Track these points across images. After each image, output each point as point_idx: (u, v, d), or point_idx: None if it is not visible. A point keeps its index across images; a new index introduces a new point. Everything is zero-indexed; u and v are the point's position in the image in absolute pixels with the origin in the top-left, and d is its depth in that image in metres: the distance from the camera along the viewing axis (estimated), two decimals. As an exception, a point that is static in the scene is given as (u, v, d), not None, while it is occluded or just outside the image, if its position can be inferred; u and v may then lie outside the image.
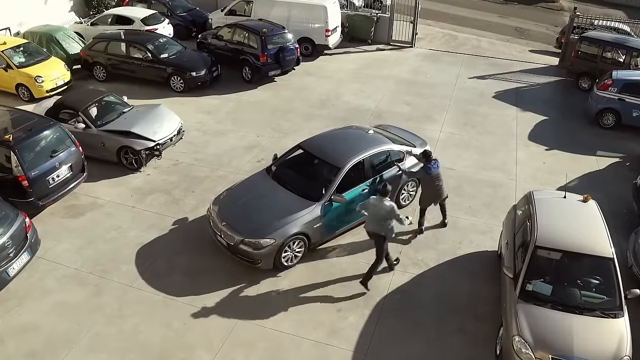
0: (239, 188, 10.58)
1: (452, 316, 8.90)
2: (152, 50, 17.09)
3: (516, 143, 14.61)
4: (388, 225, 9.00)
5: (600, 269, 8.00)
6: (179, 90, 17.13)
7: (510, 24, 27.66)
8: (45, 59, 16.90)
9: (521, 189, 11.94)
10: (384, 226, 9.00)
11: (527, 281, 7.90)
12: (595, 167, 13.51)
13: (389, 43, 22.71)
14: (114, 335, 8.39)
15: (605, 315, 7.58)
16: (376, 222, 9.05)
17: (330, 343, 8.36)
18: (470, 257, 10.29)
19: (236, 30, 18.43)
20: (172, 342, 8.30)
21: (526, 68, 20.45)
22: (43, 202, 10.79)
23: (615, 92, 15.26)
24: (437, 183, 10.40)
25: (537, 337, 7.36)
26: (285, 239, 9.36)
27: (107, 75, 17.79)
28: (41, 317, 8.68)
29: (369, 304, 9.11)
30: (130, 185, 12.24)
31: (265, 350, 8.21)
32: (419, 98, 17.30)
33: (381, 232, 9.06)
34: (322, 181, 10.09)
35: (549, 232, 8.24)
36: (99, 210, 11.34)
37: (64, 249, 10.20)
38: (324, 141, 11.19)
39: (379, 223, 9.02)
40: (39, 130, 10.99)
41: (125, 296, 9.14)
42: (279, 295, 9.26)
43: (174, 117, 13.69)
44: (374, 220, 9.07)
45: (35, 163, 10.63)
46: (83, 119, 12.68)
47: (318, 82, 18.44)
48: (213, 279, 9.51)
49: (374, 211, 9.03)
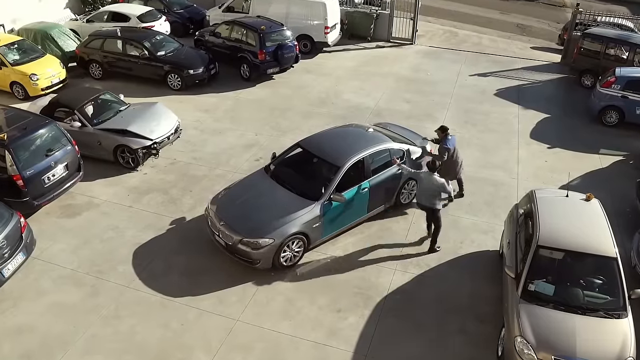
0: (237, 187, 10.59)
1: (453, 316, 8.90)
2: (149, 48, 17.08)
3: (518, 141, 14.62)
4: (438, 198, 9.89)
5: (604, 269, 8.00)
6: (176, 88, 17.12)
7: (512, 21, 27.66)
8: (40, 57, 16.90)
9: (523, 188, 11.96)
10: (436, 200, 9.87)
11: (529, 281, 7.90)
12: (598, 166, 13.52)
13: (388, 40, 22.71)
14: (111, 337, 8.39)
15: (608, 316, 7.58)
16: (428, 196, 9.92)
17: (330, 344, 8.37)
18: (472, 257, 10.30)
19: (234, 28, 18.42)
20: (170, 343, 8.31)
21: (528, 65, 20.46)
22: (38, 202, 10.78)
23: (619, 90, 15.27)
24: (454, 159, 11.11)
25: (539, 337, 7.36)
26: (284, 239, 9.36)
27: (103, 73, 17.78)
28: (36, 318, 8.68)
29: (368, 304, 9.12)
30: (127, 184, 12.24)
31: (263, 351, 8.22)
32: (419, 96, 17.31)
33: (434, 205, 9.93)
34: (321, 180, 10.10)
35: (551, 231, 8.24)
36: (95, 210, 11.34)
37: (59, 249, 10.19)
38: (323, 140, 11.20)
39: (431, 197, 9.89)
40: (34, 129, 10.97)
41: (122, 297, 9.14)
42: (277, 295, 9.26)
43: (171, 116, 13.68)
44: (426, 194, 9.95)
45: (30, 162, 10.61)
46: (79, 118, 12.67)
47: (317, 80, 18.44)
48: (211, 279, 9.52)
49: (426, 186, 9.90)
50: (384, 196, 10.95)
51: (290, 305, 9.08)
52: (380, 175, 10.63)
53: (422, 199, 10.08)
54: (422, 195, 10.07)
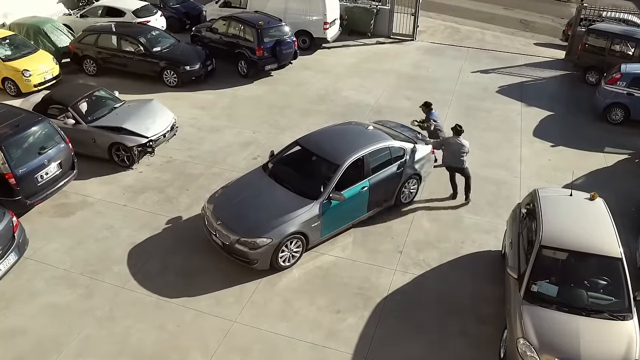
0: (235, 186, 10.57)
1: (455, 318, 8.90)
2: (144, 44, 17.05)
3: (521, 139, 14.62)
4: (464, 158, 11.22)
5: (608, 270, 7.99)
6: (172, 85, 17.10)
7: (515, 16, 27.66)
8: (33, 52, 16.87)
9: (526, 187, 11.95)
10: (462, 160, 11.25)
11: (532, 282, 7.89)
12: (602, 164, 13.52)
13: (389, 36, 22.70)
14: (105, 338, 8.37)
15: (613, 318, 7.57)
16: (455, 158, 11.26)
17: (329, 345, 8.36)
18: (473, 257, 10.29)
19: (231, 23, 18.41)
20: (166, 344, 8.29)
21: (531, 62, 20.46)
22: (31, 201, 10.76)
23: (624, 87, 15.27)
24: (439, 129, 12.44)
25: (542, 339, 7.35)
26: (282, 239, 9.35)
27: (97, 69, 17.76)
28: (29, 319, 8.65)
29: (368, 305, 9.11)
30: (122, 183, 12.22)
31: (261, 352, 8.21)
32: (420, 93, 17.28)
33: (460, 165, 11.33)
34: (320, 179, 10.08)
35: (554, 231, 8.23)
36: (89, 209, 11.32)
37: (53, 249, 10.17)
38: (322, 137, 11.18)
39: (457, 158, 11.25)
40: (27, 126, 10.94)
41: (116, 298, 9.12)
42: (275, 296, 9.25)
43: (167, 113, 13.66)
44: (453, 156, 11.26)
45: (22, 160, 10.58)
46: (73, 115, 12.65)
47: (316, 77, 18.42)
48: (208, 280, 9.50)
49: (455, 149, 11.18)
50: (384, 195, 10.94)
51: (289, 306, 9.07)
52: (380, 173, 10.62)
53: (452, 161, 11.37)
54: (450, 158, 11.33)
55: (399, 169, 10.87)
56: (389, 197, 11.10)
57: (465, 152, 11.19)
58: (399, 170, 10.88)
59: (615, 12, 22.17)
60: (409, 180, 11.21)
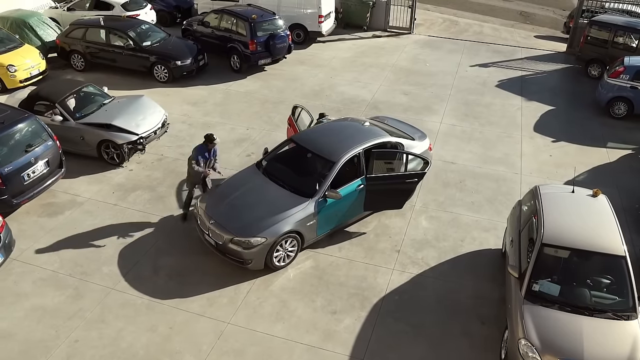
0: (228, 184, 10.56)
1: (454, 318, 8.91)
2: (134, 38, 17.00)
3: (521, 135, 14.65)
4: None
5: (612, 268, 8.01)
6: (163, 80, 17.07)
7: (515, 8, 27.71)
8: (18, 47, 16.78)
9: (526, 184, 11.98)
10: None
11: (533, 281, 7.91)
12: (605, 160, 13.55)
13: (385, 29, 22.72)
14: (95, 342, 8.35)
15: (617, 317, 7.58)
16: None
17: (325, 347, 8.36)
18: (473, 256, 10.31)
19: (224, 17, 18.38)
20: (158, 347, 8.28)
21: (532, 55, 20.52)
22: (18, 200, 10.71)
23: (627, 80, 15.31)
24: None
25: (544, 340, 7.37)
26: (277, 238, 9.34)
27: (85, 65, 17.71)
28: (16, 323, 8.62)
29: (365, 305, 9.11)
30: (111, 181, 12.19)
31: (255, 355, 8.20)
32: (417, 88, 17.31)
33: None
34: (315, 176, 10.08)
35: (556, 228, 8.24)
36: (78, 209, 11.29)
37: (40, 249, 10.14)
38: (317, 134, 11.17)
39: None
40: (13, 124, 10.90)
41: (106, 299, 9.10)
42: (270, 297, 9.25)
43: (158, 109, 13.62)
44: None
45: (8, 158, 10.54)
46: (60, 111, 12.59)
47: (311, 72, 18.41)
48: (200, 281, 9.49)
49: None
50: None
51: (284, 307, 9.06)
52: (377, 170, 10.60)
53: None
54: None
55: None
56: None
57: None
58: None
59: (618, 3, 22.21)
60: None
